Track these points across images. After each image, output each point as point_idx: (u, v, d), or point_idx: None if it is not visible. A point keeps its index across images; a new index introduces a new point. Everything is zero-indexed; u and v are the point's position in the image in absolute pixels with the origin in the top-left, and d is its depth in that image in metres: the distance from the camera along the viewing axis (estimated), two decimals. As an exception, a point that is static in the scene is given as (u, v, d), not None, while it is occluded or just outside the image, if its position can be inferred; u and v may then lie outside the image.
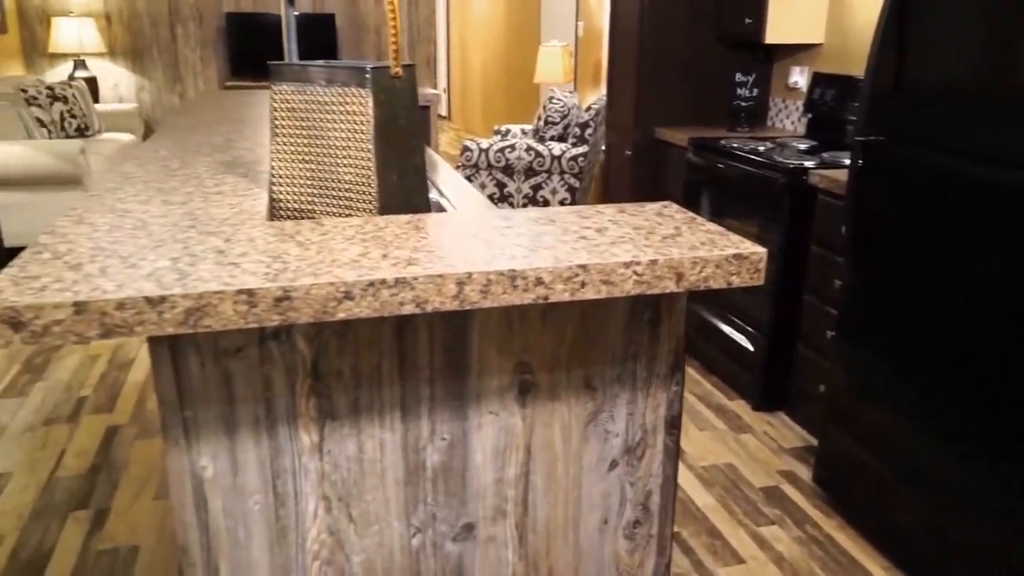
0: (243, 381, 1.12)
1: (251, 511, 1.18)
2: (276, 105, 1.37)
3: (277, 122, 1.38)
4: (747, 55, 4.04)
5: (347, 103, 1.30)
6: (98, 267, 1.02)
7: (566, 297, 1.06)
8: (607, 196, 4.59)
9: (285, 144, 1.38)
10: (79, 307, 0.90)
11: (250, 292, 0.95)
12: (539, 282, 1.05)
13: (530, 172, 5.12)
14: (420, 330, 1.17)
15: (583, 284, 1.06)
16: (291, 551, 1.22)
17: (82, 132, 5.86)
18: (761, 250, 1.13)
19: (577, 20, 6.39)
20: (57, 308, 0.90)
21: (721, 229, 1.25)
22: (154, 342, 1.08)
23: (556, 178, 5.13)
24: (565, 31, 6.63)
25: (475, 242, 1.15)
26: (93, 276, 0.98)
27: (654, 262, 1.09)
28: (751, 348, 3.16)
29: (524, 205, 5.21)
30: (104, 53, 6.66)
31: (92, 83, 6.52)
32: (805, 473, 2.69)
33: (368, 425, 1.19)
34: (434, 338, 1.18)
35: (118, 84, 6.92)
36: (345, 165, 1.33)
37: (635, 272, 1.08)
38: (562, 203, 5.19)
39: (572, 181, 5.15)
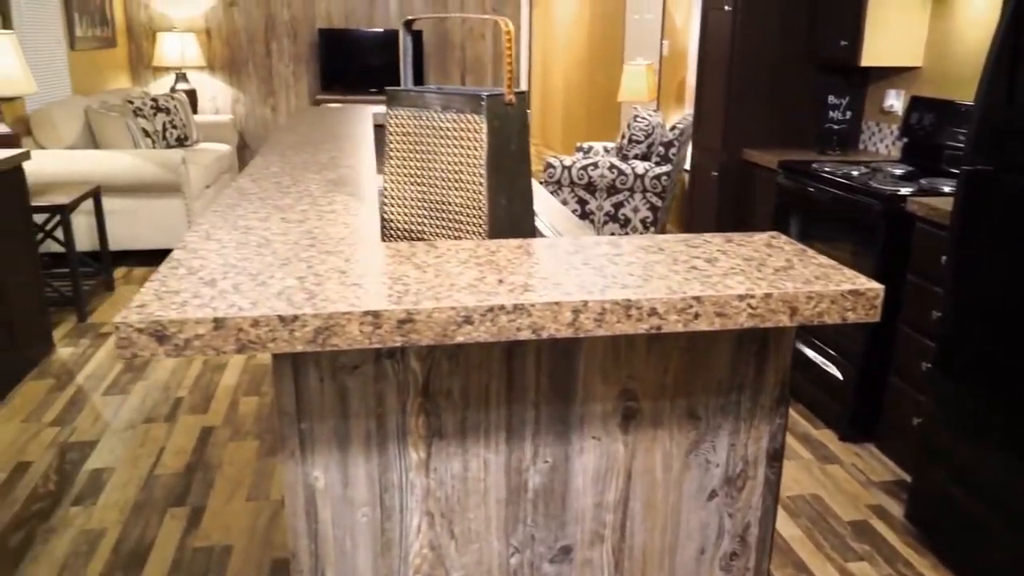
0: (358, 397, 1.16)
1: (358, 523, 1.22)
2: (392, 129, 1.42)
3: (392, 145, 1.43)
4: (840, 77, 3.96)
5: (461, 129, 1.33)
6: (231, 284, 1.07)
7: (679, 328, 1.07)
8: (690, 216, 4.55)
9: (398, 166, 1.42)
10: (218, 323, 0.96)
11: (375, 314, 0.98)
12: (653, 312, 1.05)
13: (612, 190, 5.12)
14: (528, 354, 1.19)
15: (696, 316, 1.07)
16: (394, 563, 1.25)
17: (181, 142, 6.13)
18: (878, 286, 1.11)
19: (662, 39, 6.37)
20: (198, 323, 0.95)
21: (833, 263, 1.24)
22: (278, 357, 1.13)
23: (638, 196, 5.12)
24: (649, 50, 6.61)
25: (587, 270, 1.16)
26: (228, 293, 1.04)
27: (768, 295, 1.08)
28: (840, 377, 3.08)
29: (605, 223, 5.21)
30: (203, 67, 6.96)
31: (192, 95, 6.82)
32: (896, 508, 2.60)
33: (473, 445, 1.22)
34: (541, 362, 1.20)
35: (215, 96, 7.21)
36: (456, 188, 1.36)
37: (749, 305, 1.08)
38: (643, 222, 5.17)
39: (654, 200, 5.12)
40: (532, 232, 1.42)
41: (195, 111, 6.92)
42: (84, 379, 3.44)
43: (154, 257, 5.14)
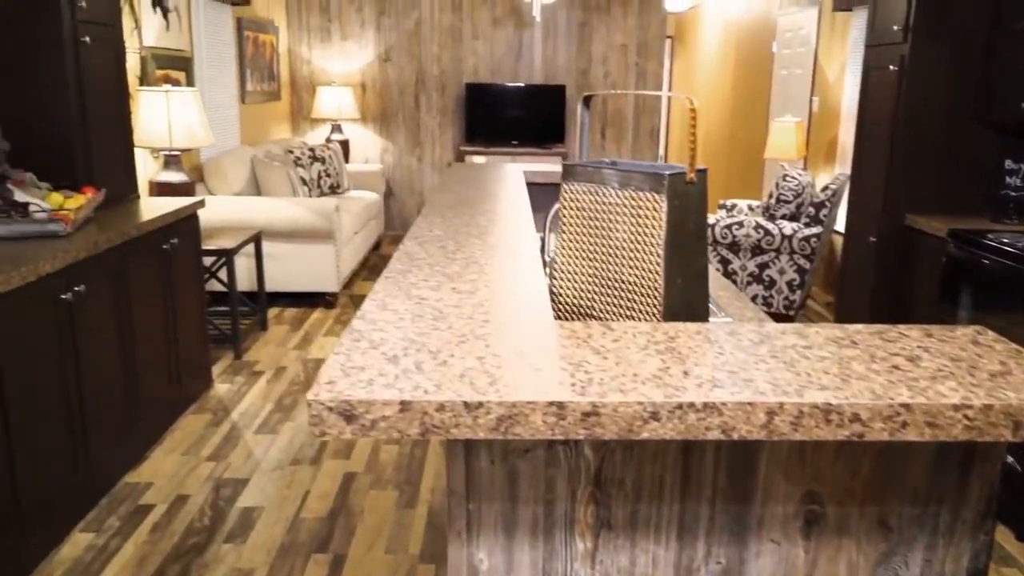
0: (527, 481, 1.13)
1: (520, 610, 1.18)
2: (565, 203, 1.41)
3: (565, 219, 1.41)
4: (1019, 140, 3.68)
5: (640, 207, 1.30)
6: (413, 361, 1.08)
7: (884, 437, 0.98)
8: (842, 282, 4.32)
9: (570, 241, 1.41)
10: (404, 406, 0.95)
11: (560, 405, 0.96)
12: (855, 419, 0.97)
13: (757, 250, 4.95)
14: (707, 450, 1.13)
15: (904, 425, 0.98)
16: (553, 656, 1.20)
17: (334, 190, 6.44)
18: (1119, 403, 0.99)
19: (812, 95, 6.18)
20: (385, 405, 0.95)
21: (1057, 368, 1.11)
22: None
23: (785, 258, 4.92)
24: (797, 106, 6.42)
25: (776, 364, 1.09)
26: (411, 372, 1.04)
27: (988, 407, 0.98)
28: (1020, 469, 2.80)
29: (748, 283, 5.03)
30: (357, 118, 7.33)
31: (345, 145, 7.19)
32: (1091, 629, 2.31)
33: (643, 539, 1.16)
34: (720, 459, 1.13)
35: (366, 146, 7.57)
36: (631, 266, 1.33)
37: (966, 416, 0.98)
38: (790, 284, 4.97)
39: (802, 262, 4.91)
40: (706, 314, 1.37)
41: (347, 160, 7.28)
42: (238, 416, 3.61)
43: (305, 299, 5.39)
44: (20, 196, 2.77)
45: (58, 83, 3.08)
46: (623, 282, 1.35)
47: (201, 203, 3.68)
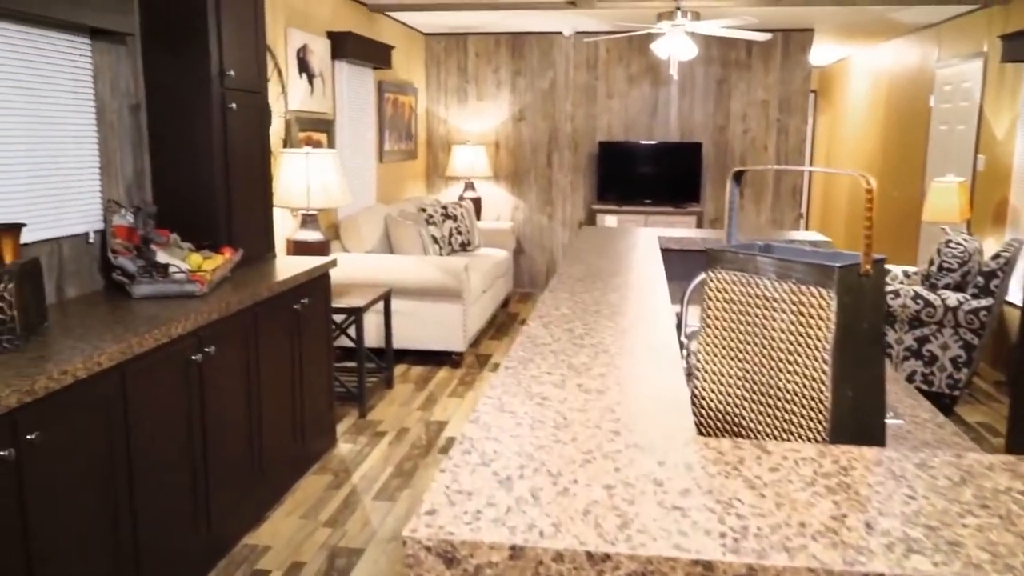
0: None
1: None
2: (712, 294, 1.23)
3: (710, 312, 1.23)
4: None
5: (802, 302, 1.10)
6: (528, 487, 0.92)
7: None
8: (1019, 359, 3.83)
9: (716, 337, 1.22)
10: (515, 552, 0.80)
11: (708, 565, 0.77)
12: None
13: (916, 322, 4.51)
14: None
15: None
16: None
17: (464, 247, 6.46)
18: None
19: (977, 153, 5.66)
20: (492, 549, 0.80)
21: None
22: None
23: (948, 332, 4.45)
24: (960, 164, 5.91)
25: (987, 517, 0.86)
26: (525, 503, 0.88)
27: None
28: None
29: (905, 358, 4.58)
30: (489, 176, 7.38)
31: (477, 203, 7.24)
32: None
33: None
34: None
35: (497, 204, 7.60)
36: (789, 372, 1.13)
37: None
38: (954, 361, 4.47)
39: (969, 337, 4.42)
40: (883, 435, 1.14)
41: (478, 217, 7.32)
42: (359, 479, 3.55)
43: (431, 357, 5.36)
44: (162, 257, 2.86)
45: (205, 148, 3.20)
46: (780, 389, 1.15)
47: (333, 263, 3.71)
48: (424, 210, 6.17)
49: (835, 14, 5.94)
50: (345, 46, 5.12)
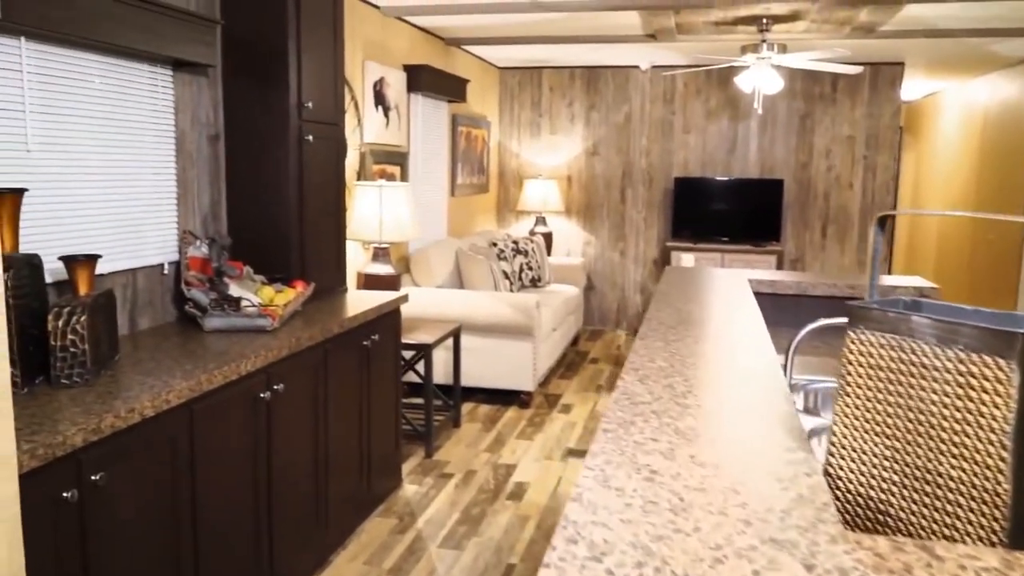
0: None
1: None
2: (852, 357, 1.05)
3: (849, 378, 1.06)
4: None
5: (972, 373, 0.93)
6: (652, 592, 0.76)
7: None
8: None
9: (857, 408, 1.04)
10: None
11: None
12: None
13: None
14: None
15: None
16: None
17: (535, 283, 6.33)
18: None
19: (1088, 193, 5.28)
20: None
21: None
22: None
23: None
24: (1069, 205, 5.53)
25: None
26: (651, 615, 0.72)
27: None
28: None
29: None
30: (561, 211, 7.27)
31: (548, 237, 7.12)
32: None
33: None
34: None
35: (569, 238, 7.47)
36: (953, 455, 0.94)
37: None
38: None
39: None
40: (1074, 534, 0.94)
41: (549, 252, 7.19)
42: (424, 523, 3.42)
43: (498, 396, 5.22)
44: (235, 290, 2.80)
45: (281, 179, 3.16)
46: (940, 476, 0.96)
47: (404, 298, 3.63)
48: (495, 244, 6.08)
49: (929, 47, 5.67)
50: (421, 79, 5.10)
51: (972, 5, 4.32)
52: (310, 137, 3.24)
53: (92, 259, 2.17)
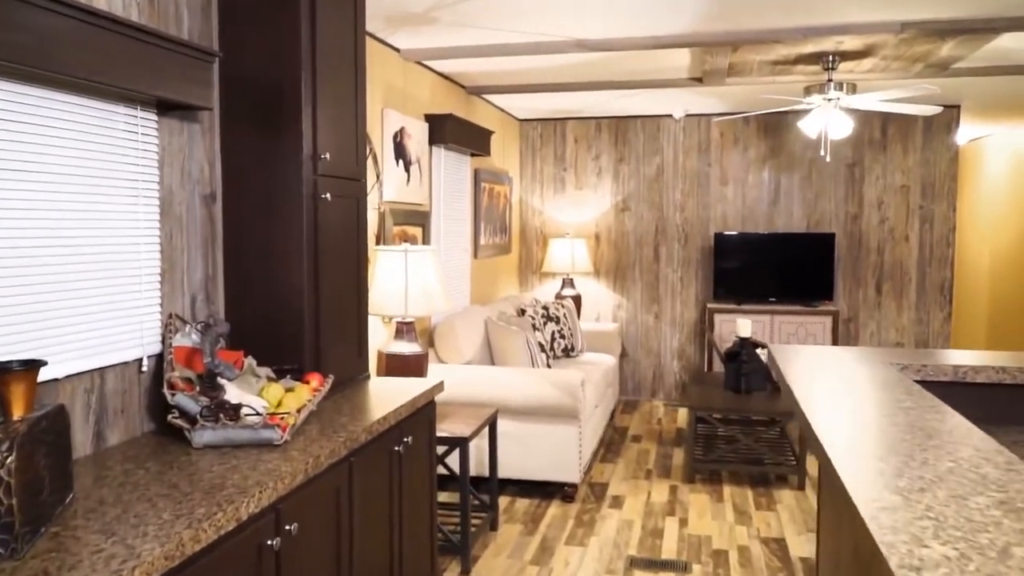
0: None
1: None
2: None
3: None
4: None
5: None
6: None
7: None
8: None
9: None
10: None
11: None
12: None
13: None
14: None
15: None
16: None
17: (567, 352, 5.70)
18: None
19: None
20: None
21: None
22: None
23: None
24: None
25: None
26: None
27: None
28: None
29: None
30: (589, 272, 6.67)
31: (577, 301, 6.51)
32: None
33: None
34: None
35: (598, 301, 6.86)
36: None
37: None
38: None
39: None
40: None
41: (578, 317, 6.57)
42: (469, 672, 2.72)
43: (537, 488, 4.53)
44: (232, 392, 2.16)
45: (292, 247, 2.56)
46: None
47: (439, 387, 2.99)
48: (523, 311, 5.46)
49: (987, 86, 5.14)
50: (444, 130, 4.55)
51: (1075, 33, 3.79)
52: (327, 195, 2.64)
53: (31, 367, 1.55)
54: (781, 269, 6.32)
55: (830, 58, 4.24)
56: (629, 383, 6.85)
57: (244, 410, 2.10)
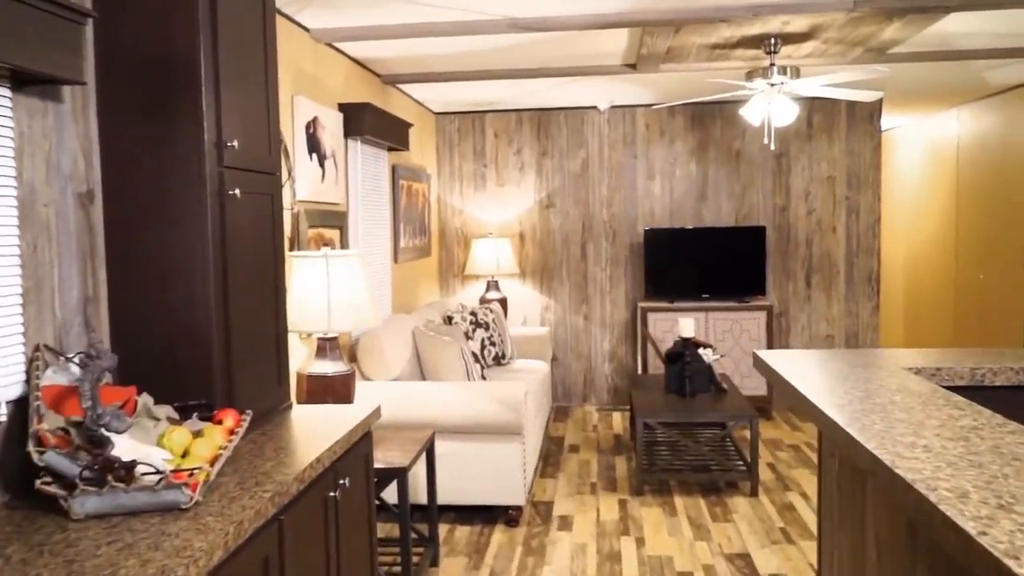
0: None
1: None
2: None
3: None
4: None
5: None
6: None
7: None
8: None
9: None
10: None
11: None
12: None
13: None
14: None
15: None
16: None
17: (498, 360, 5.33)
18: None
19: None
20: None
21: None
22: None
23: None
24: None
25: None
26: None
27: None
28: None
29: None
30: (515, 273, 6.32)
31: (503, 304, 6.14)
32: None
33: None
34: None
35: (524, 304, 6.51)
36: None
37: None
38: None
39: None
40: None
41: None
42: None
43: (478, 513, 4.13)
44: (123, 445, 1.69)
45: (194, 255, 2.09)
46: None
47: (376, 413, 2.56)
48: (451, 319, 5.06)
49: (911, 74, 5.07)
50: (362, 121, 4.10)
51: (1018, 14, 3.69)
52: (236, 191, 2.18)
53: None
54: (713, 264, 6.14)
55: (772, 41, 4.02)
56: (560, 388, 6.54)
57: (139, 468, 1.63)
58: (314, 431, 2.28)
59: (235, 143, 2.16)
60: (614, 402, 6.46)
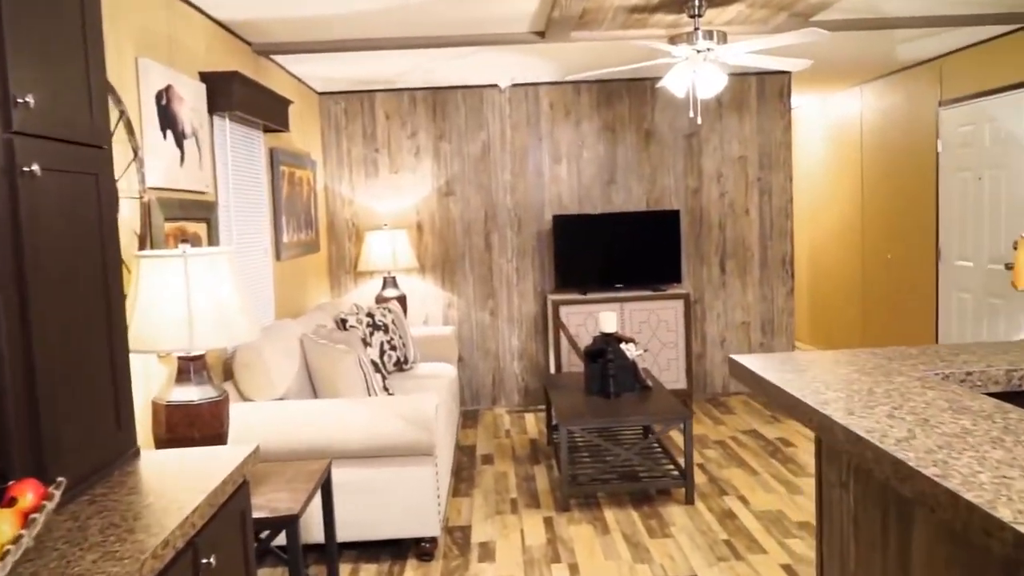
0: None
1: None
2: None
3: None
4: None
5: None
6: None
7: None
8: None
9: None
10: None
11: None
12: None
13: None
14: None
15: None
16: None
17: (400, 365, 4.77)
18: None
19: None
20: None
21: None
22: None
23: None
24: (1012, 217, 4.90)
25: None
26: None
27: None
28: None
29: None
30: (414, 268, 5.76)
31: (402, 302, 5.57)
32: None
33: None
34: None
35: (425, 301, 5.96)
36: None
37: None
38: None
39: None
40: None
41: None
42: None
43: (384, 548, 3.57)
44: None
45: (-30, 260, 1.45)
46: None
47: (254, 456, 1.98)
48: (345, 322, 4.46)
49: (822, 49, 4.85)
50: (230, 94, 3.44)
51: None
52: (35, 167, 1.55)
53: None
54: (626, 252, 5.77)
55: (696, 3, 3.63)
56: (467, 391, 6.03)
57: None
58: (167, 490, 1.68)
59: (30, 99, 1.53)
60: (526, 403, 6.01)
